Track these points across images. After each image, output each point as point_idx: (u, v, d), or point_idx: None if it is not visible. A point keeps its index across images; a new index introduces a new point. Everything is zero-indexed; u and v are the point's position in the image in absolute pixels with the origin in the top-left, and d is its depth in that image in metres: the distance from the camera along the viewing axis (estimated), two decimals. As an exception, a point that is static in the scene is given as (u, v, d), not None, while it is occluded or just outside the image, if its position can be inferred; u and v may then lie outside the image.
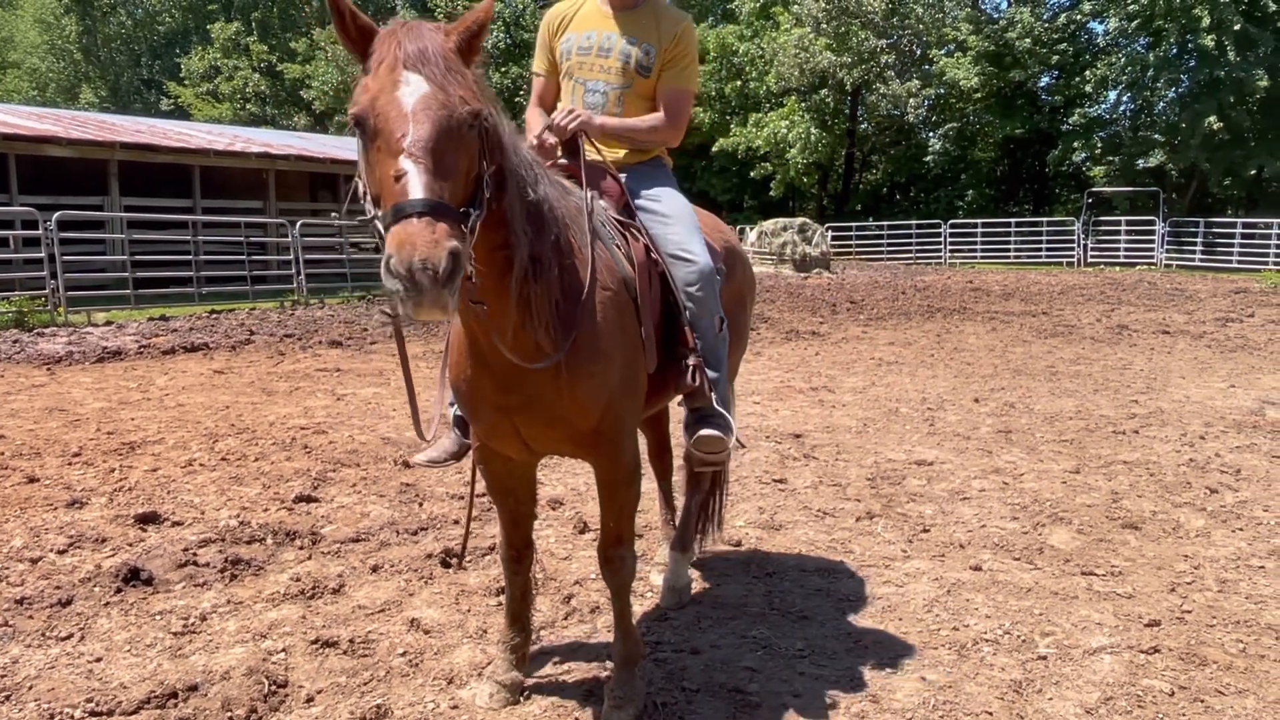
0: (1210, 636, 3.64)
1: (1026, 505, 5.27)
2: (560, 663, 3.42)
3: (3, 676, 3.22)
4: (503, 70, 36.24)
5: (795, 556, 4.52)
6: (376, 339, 12.36)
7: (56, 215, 14.57)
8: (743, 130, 35.32)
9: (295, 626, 3.65)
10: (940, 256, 31.79)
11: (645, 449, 4.22)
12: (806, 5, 33.39)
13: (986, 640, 3.58)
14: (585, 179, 2.98)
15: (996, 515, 5.10)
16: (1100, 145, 33.37)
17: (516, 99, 31.98)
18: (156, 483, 5.57)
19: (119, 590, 3.92)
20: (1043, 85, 35.70)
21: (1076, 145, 33.10)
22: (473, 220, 2.14)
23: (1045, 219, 33.58)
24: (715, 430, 3.11)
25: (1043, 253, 31.42)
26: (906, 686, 3.23)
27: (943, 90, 35.50)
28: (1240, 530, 4.89)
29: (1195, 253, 28.49)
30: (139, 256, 16.65)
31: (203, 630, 3.62)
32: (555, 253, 2.58)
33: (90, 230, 17.84)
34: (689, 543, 4.06)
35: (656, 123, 3.37)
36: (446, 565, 4.28)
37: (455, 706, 3.09)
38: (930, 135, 38.79)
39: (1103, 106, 34.34)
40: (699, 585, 4.16)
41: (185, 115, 43.27)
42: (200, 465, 5.98)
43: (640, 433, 4.01)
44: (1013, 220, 33.08)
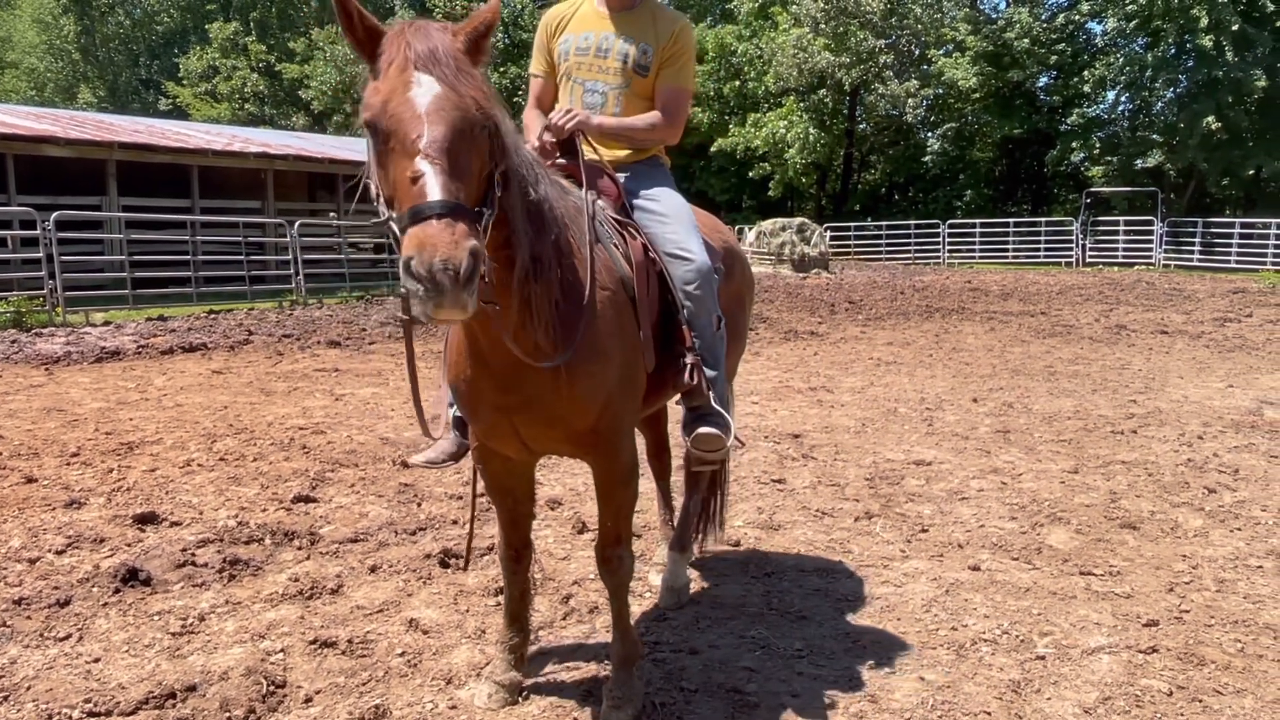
0: (1208, 636, 3.64)
1: (1025, 505, 5.28)
2: (559, 663, 3.42)
3: (1, 677, 3.22)
4: (501, 70, 36.21)
5: (794, 556, 4.52)
6: (375, 339, 12.36)
7: (54, 215, 14.56)
8: (741, 130, 35.36)
9: (294, 627, 3.65)
10: (939, 256, 31.80)
11: (644, 449, 4.23)
12: (805, 5, 33.42)
13: (985, 640, 3.58)
14: (584, 179, 2.98)
15: (995, 515, 5.11)
16: (1098, 145, 33.40)
17: (515, 99, 31.94)
18: (155, 483, 5.57)
19: (117, 590, 3.91)
20: (1041, 85, 35.76)
21: (1075, 145, 33.13)
22: (486, 220, 2.17)
23: (1043, 219, 33.60)
24: (713, 429, 3.11)
25: (1041, 253, 31.44)
26: (905, 686, 3.23)
27: (941, 90, 35.54)
28: (1238, 530, 4.89)
29: (1193, 253, 28.52)
30: (137, 256, 16.64)
31: (201, 630, 3.62)
32: (555, 252, 2.59)
33: (88, 230, 17.82)
34: (687, 543, 4.06)
35: (655, 121, 3.37)
36: (445, 565, 4.28)
37: (454, 707, 3.09)
38: (929, 135, 38.83)
39: (1101, 107, 34.42)
40: (697, 585, 4.16)
41: (183, 115, 43.26)
42: (198, 465, 5.98)
43: (639, 432, 4.01)
44: (1011, 220, 33.08)
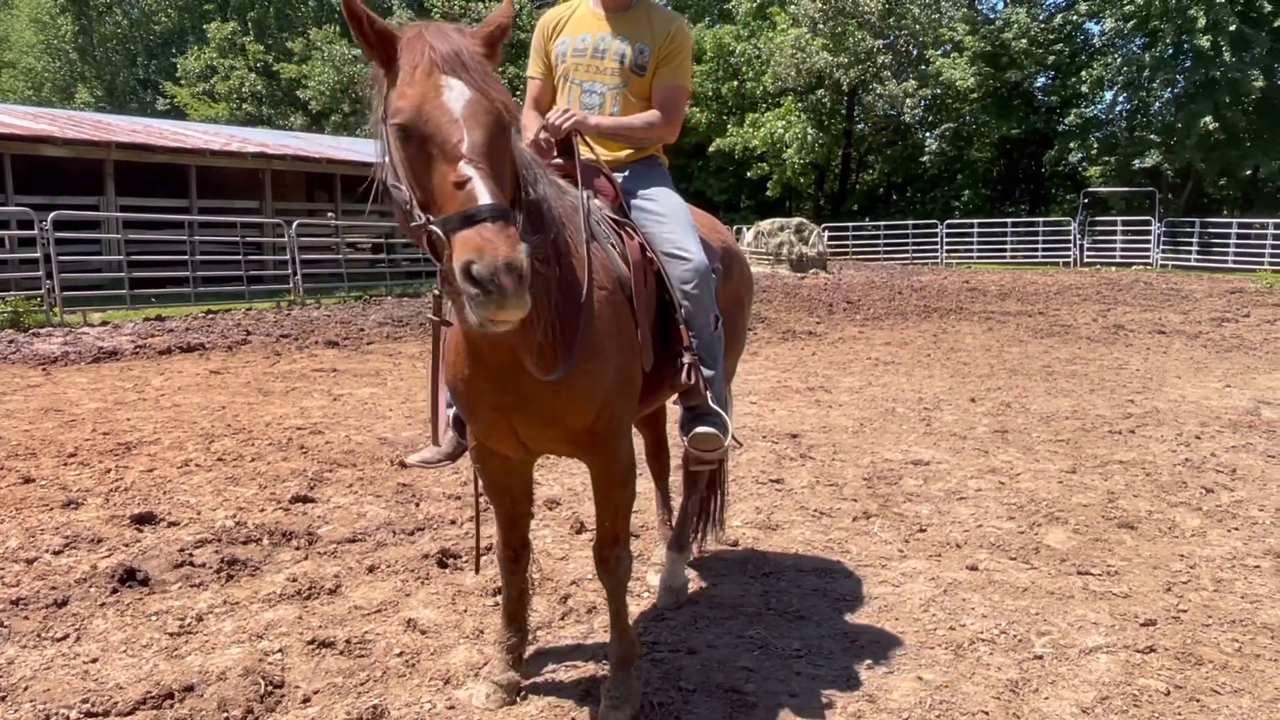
0: (1206, 636, 3.64)
1: (1023, 505, 5.28)
2: (557, 663, 3.42)
3: (-2, 677, 3.22)
4: (499, 70, 36.19)
5: (792, 556, 4.52)
6: (373, 339, 12.35)
7: (52, 215, 14.55)
8: (739, 130, 35.37)
9: (291, 627, 3.64)
10: (937, 256, 31.82)
11: (643, 449, 4.23)
12: (803, 5, 33.44)
13: (983, 640, 3.58)
14: (580, 179, 2.99)
15: (993, 515, 5.11)
16: (1096, 145, 33.43)
17: (513, 99, 31.93)
18: (152, 483, 5.56)
19: (115, 591, 3.91)
20: (1039, 85, 35.80)
21: (1072, 145, 33.15)
22: (519, 220, 2.21)
23: (1041, 219, 33.62)
24: (710, 428, 3.11)
25: (1039, 253, 31.46)
26: (903, 686, 3.23)
27: (939, 90, 35.55)
28: (1236, 530, 4.90)
29: (1191, 253, 28.56)
30: (135, 256, 16.63)
31: (199, 631, 3.61)
32: (553, 252, 2.59)
33: (86, 230, 17.79)
34: (686, 543, 4.06)
35: (652, 120, 3.38)
36: (443, 566, 4.28)
37: (452, 707, 3.09)
38: (926, 135, 38.84)
39: (1099, 107, 34.40)
40: (696, 585, 4.16)
41: (181, 115, 43.21)
42: (196, 465, 5.97)
43: (637, 432, 4.01)
44: (1009, 220, 33.09)
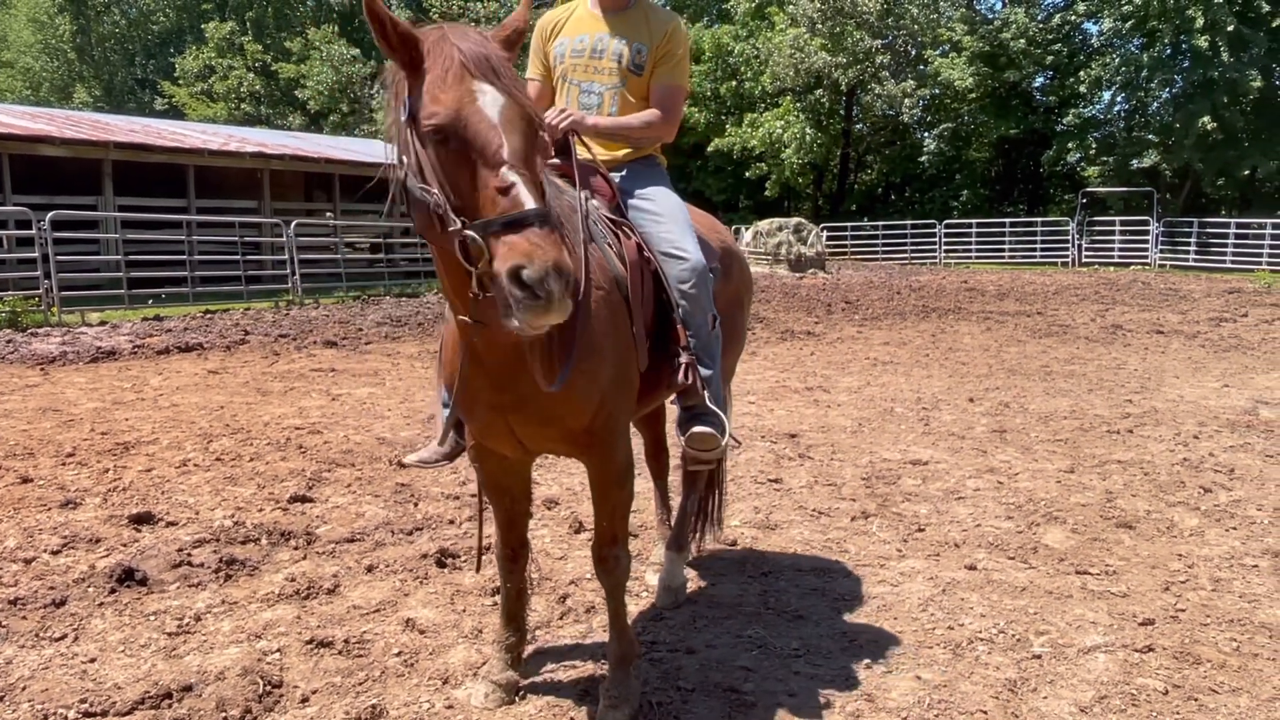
0: (1204, 635, 3.65)
1: (1021, 505, 5.28)
2: (555, 662, 3.42)
3: (-4, 677, 3.22)
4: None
5: (790, 556, 4.52)
6: (371, 339, 12.34)
7: (50, 215, 14.53)
8: (738, 130, 35.37)
9: (290, 627, 3.64)
10: (935, 256, 31.82)
11: (641, 449, 4.23)
12: (801, 5, 33.43)
13: (981, 639, 3.58)
14: (577, 178, 2.99)
15: (991, 515, 5.11)
16: (1094, 145, 33.44)
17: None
18: (151, 483, 5.56)
19: (113, 591, 3.91)
20: (1037, 85, 35.82)
21: (1071, 145, 33.16)
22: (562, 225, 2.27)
23: (1040, 219, 33.62)
24: (708, 428, 3.12)
25: (1037, 253, 31.47)
26: (901, 685, 3.24)
27: (937, 90, 35.56)
28: (1234, 529, 4.90)
29: (1189, 253, 28.58)
30: (133, 256, 16.63)
31: (197, 630, 3.61)
32: None
33: (84, 230, 17.79)
34: (684, 542, 4.06)
35: (650, 119, 3.38)
36: (442, 565, 4.28)
37: (450, 706, 3.09)
38: (925, 135, 38.86)
39: (1097, 107, 34.43)
40: (694, 585, 4.16)
41: (179, 115, 43.16)
42: (195, 465, 5.97)
43: (636, 432, 4.01)
44: (1007, 220, 33.10)
